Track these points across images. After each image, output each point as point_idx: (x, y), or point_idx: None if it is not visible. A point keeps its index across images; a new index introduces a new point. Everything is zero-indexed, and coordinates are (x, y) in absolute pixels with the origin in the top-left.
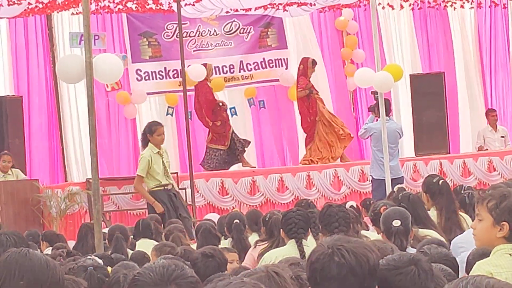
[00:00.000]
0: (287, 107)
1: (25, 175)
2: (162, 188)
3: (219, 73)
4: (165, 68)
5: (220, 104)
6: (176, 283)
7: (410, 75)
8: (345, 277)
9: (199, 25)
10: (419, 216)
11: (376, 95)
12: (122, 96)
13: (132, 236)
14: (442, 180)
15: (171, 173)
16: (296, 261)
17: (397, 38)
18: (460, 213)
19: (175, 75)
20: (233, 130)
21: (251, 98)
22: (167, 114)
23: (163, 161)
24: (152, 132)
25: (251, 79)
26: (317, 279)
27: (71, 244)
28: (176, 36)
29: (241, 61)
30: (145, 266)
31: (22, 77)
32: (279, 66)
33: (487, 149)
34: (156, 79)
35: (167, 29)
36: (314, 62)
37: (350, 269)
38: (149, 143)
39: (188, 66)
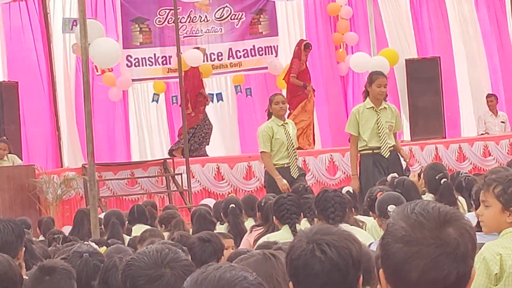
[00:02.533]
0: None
1: (21, 160)
2: (370, 151)
3: (208, 60)
4: (154, 54)
5: (204, 96)
6: (170, 267)
7: (405, 59)
8: (329, 273)
9: (191, 11)
10: None
11: None
12: (108, 77)
13: (127, 222)
14: (444, 180)
15: (162, 159)
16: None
17: (393, 23)
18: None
19: (164, 62)
20: (203, 123)
21: (239, 85)
22: (153, 100)
23: (377, 119)
24: (372, 82)
25: (239, 66)
26: (299, 276)
27: (67, 229)
28: (168, 22)
29: (230, 49)
30: (138, 250)
31: (17, 62)
32: (268, 54)
33: (487, 133)
34: (146, 65)
35: (159, 15)
36: (307, 45)
37: (333, 265)
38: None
39: (180, 53)
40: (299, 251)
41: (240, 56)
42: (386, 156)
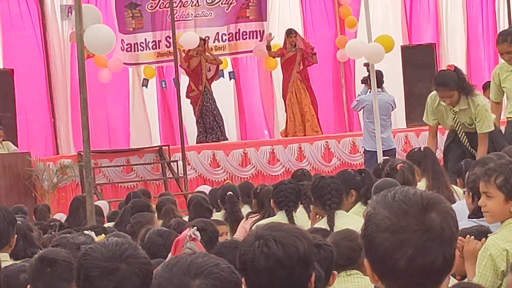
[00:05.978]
0: (264, 78)
1: (17, 147)
2: None
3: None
4: (145, 39)
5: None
6: (127, 262)
7: (401, 46)
8: (273, 269)
9: None
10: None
11: (368, 67)
12: (100, 59)
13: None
14: (424, 147)
15: (158, 146)
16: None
17: (388, 9)
18: (453, 186)
19: (154, 46)
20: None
21: (221, 69)
22: (143, 85)
23: None
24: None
25: (223, 50)
26: (247, 271)
27: (60, 217)
28: (159, 6)
29: (217, 33)
30: (98, 242)
31: (13, 49)
32: (253, 38)
33: None
34: (138, 51)
35: (152, 0)
36: (288, 32)
37: (277, 261)
38: None
39: (169, 38)
40: (247, 245)
41: (225, 39)
42: None
